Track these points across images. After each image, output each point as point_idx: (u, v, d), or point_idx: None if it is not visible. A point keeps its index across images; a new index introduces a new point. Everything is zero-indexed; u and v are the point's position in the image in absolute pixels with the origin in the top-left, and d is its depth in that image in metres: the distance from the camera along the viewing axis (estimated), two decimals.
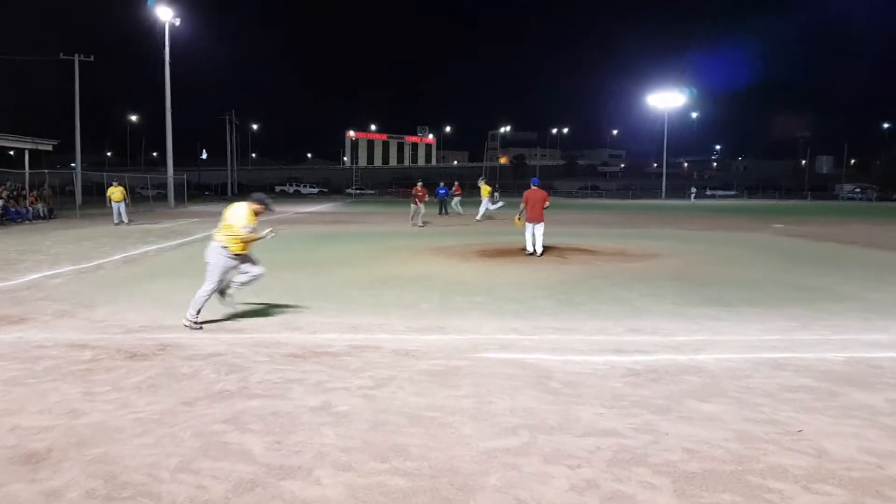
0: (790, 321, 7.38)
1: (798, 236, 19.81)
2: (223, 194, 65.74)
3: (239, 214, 6.70)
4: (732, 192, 79.44)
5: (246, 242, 6.77)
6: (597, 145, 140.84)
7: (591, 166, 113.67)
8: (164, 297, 8.61)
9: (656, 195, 70.34)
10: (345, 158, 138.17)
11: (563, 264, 12.34)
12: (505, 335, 6.61)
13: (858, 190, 75.37)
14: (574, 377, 5.14)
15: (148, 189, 45.05)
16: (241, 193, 67.86)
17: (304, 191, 79.83)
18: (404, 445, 3.78)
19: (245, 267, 6.87)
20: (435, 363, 5.50)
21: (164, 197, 42.74)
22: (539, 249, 13.16)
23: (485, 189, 28.16)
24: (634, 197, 70.58)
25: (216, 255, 6.69)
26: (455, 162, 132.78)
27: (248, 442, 3.82)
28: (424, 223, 23.28)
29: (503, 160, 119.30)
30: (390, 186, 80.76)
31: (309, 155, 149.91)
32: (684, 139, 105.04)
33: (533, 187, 13.52)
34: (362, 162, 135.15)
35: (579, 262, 12.60)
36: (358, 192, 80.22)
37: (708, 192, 76.61)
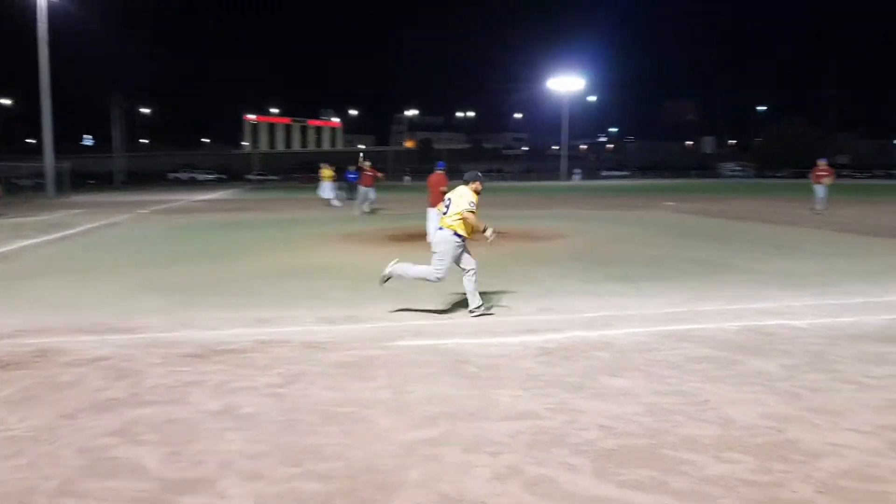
0: (689, 294, 7.69)
1: (689, 213, 20.87)
2: (109, 183, 61.82)
3: (466, 197, 6.73)
4: (626, 173, 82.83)
5: (473, 227, 6.77)
6: (501, 129, 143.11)
7: (496, 150, 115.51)
8: (43, 297, 7.91)
9: (557, 177, 72.34)
10: (244, 143, 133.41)
11: (472, 247, 12.37)
12: (419, 321, 6.51)
13: (739, 168, 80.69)
14: (490, 360, 5.11)
15: (24, 179, 41.55)
16: (131, 182, 64.06)
17: (200, 177, 76.19)
18: (318, 446, 3.59)
19: (465, 262, 6.82)
20: (348, 354, 5.32)
21: (43, 187, 39.64)
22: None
23: (325, 172, 25.44)
24: (536, 179, 72.28)
25: (449, 243, 6.68)
26: (362, 146, 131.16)
27: (141, 455, 3.49)
28: (373, 210, 20.96)
29: (409, 144, 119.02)
30: (294, 172, 78.54)
31: (205, 140, 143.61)
32: (583, 122, 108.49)
33: (436, 171, 13.40)
34: (263, 147, 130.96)
35: (488, 244, 12.67)
36: (259, 178, 77.57)
37: (604, 173, 79.55)
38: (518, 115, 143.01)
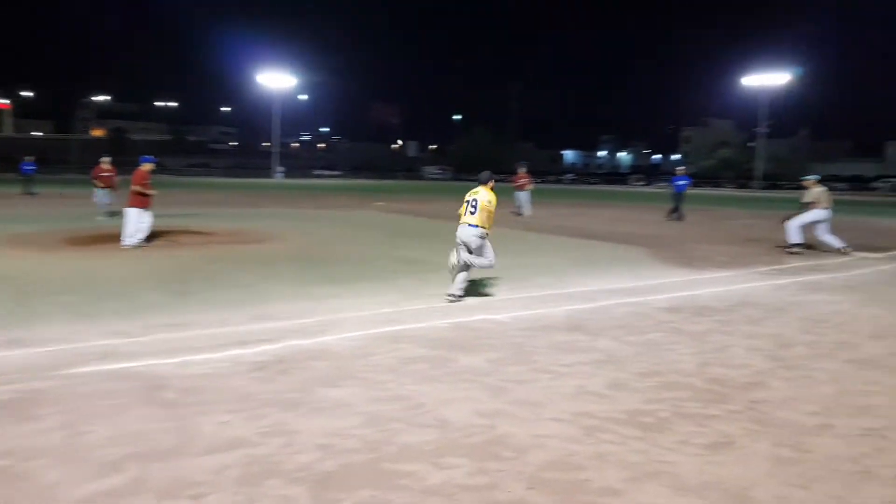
0: (402, 293, 7.85)
1: (398, 213, 21.80)
2: None
3: (489, 197, 7.60)
4: (338, 172, 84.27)
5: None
6: (207, 121, 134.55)
7: (202, 143, 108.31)
8: None
9: (268, 174, 70.50)
10: None
11: (175, 250, 11.22)
12: (105, 340, 5.54)
13: (439, 171, 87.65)
14: (193, 381, 4.51)
15: None
16: None
17: None
18: None
19: (487, 250, 7.62)
20: (6, 390, 4.26)
21: None
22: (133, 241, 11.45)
23: None
24: (245, 175, 69.55)
25: (478, 238, 7.53)
26: (38, 133, 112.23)
27: None
28: (113, 213, 15.74)
29: (97, 133, 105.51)
30: None
31: None
32: (294, 120, 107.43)
33: (142, 166, 11.84)
34: None
35: (193, 247, 11.61)
36: None
37: (315, 172, 79.82)
38: (226, 109, 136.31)
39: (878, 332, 6.24)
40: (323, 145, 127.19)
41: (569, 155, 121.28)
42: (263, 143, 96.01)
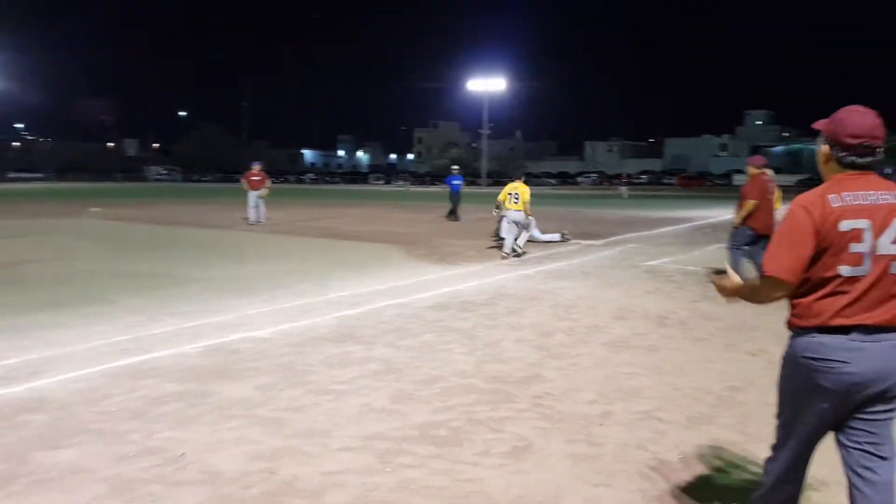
0: (137, 315, 6.70)
1: (120, 220, 19.26)
2: None
3: (526, 189, 11.43)
4: (40, 175, 73.09)
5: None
6: None
7: None
8: None
9: None
10: None
11: None
12: None
13: (165, 171, 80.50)
14: None
15: None
16: None
17: None
18: None
19: (533, 226, 12.53)
20: None
21: None
22: None
23: None
24: None
25: (524, 218, 11.41)
26: None
27: None
28: None
29: None
30: None
31: None
32: None
33: None
34: None
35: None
36: None
37: (11, 175, 68.19)
38: None
39: (619, 315, 6.84)
40: (18, 144, 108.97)
41: (308, 154, 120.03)
42: None
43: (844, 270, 2.11)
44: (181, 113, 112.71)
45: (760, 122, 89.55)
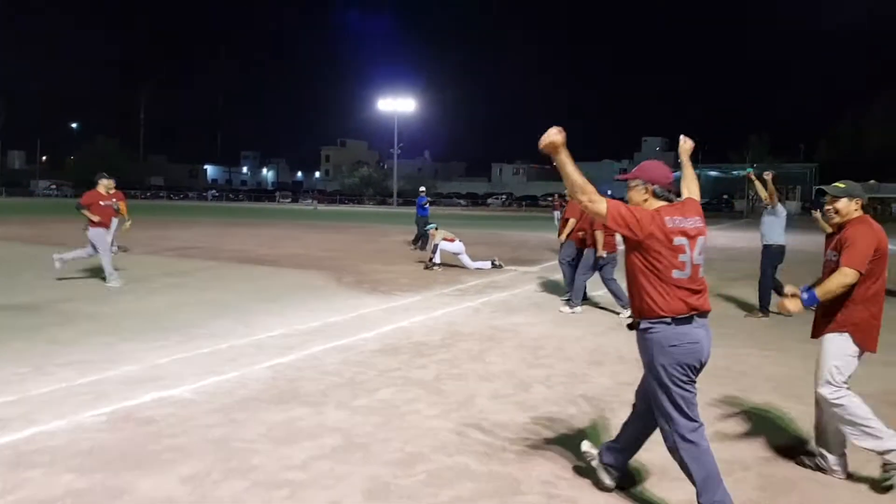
0: (18, 366, 5.40)
1: (4, 239, 17.05)
2: None
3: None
4: None
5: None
6: None
7: None
8: None
9: None
10: None
11: None
12: None
13: (55, 186, 74.72)
14: None
15: None
16: None
17: None
18: None
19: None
20: None
21: None
22: None
23: None
24: None
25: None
26: None
27: None
28: None
29: None
30: None
31: None
32: None
33: None
34: None
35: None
36: None
37: None
38: None
39: (593, 358, 6.17)
40: None
41: (210, 170, 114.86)
42: None
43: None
44: (73, 124, 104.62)
45: (658, 149, 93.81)
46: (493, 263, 13.06)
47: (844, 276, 3.37)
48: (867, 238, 3.41)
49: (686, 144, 3.70)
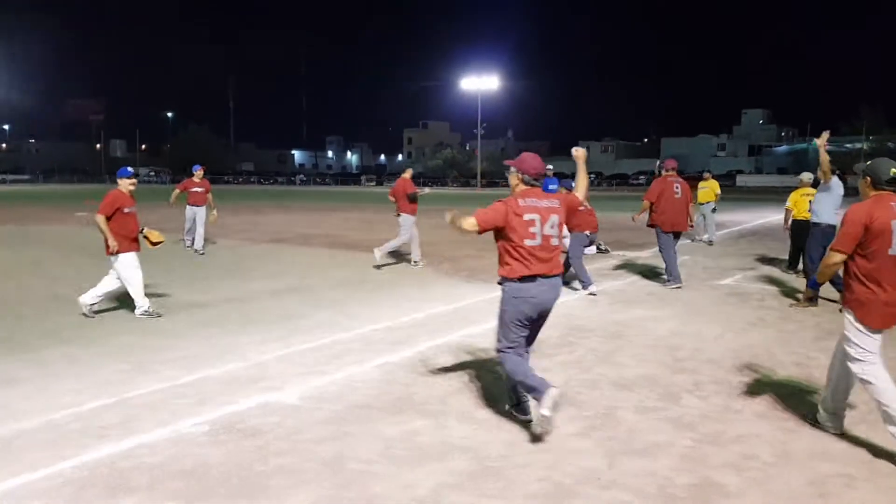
0: (119, 360, 5.16)
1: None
2: None
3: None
4: (27, 177, 71.01)
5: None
6: None
7: None
8: None
9: None
10: None
11: None
12: None
13: (153, 173, 78.48)
14: None
15: None
16: None
17: None
18: None
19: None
20: None
21: None
22: None
23: None
24: None
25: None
26: None
27: None
28: None
29: None
30: None
31: None
32: None
33: None
34: None
35: None
36: None
37: None
38: None
39: (742, 361, 5.32)
40: (4, 146, 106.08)
41: (297, 155, 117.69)
42: None
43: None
44: (168, 114, 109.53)
45: (761, 122, 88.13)
46: (598, 248, 12.19)
47: (829, 257, 3.67)
48: (853, 218, 3.52)
49: (578, 152, 4.35)
